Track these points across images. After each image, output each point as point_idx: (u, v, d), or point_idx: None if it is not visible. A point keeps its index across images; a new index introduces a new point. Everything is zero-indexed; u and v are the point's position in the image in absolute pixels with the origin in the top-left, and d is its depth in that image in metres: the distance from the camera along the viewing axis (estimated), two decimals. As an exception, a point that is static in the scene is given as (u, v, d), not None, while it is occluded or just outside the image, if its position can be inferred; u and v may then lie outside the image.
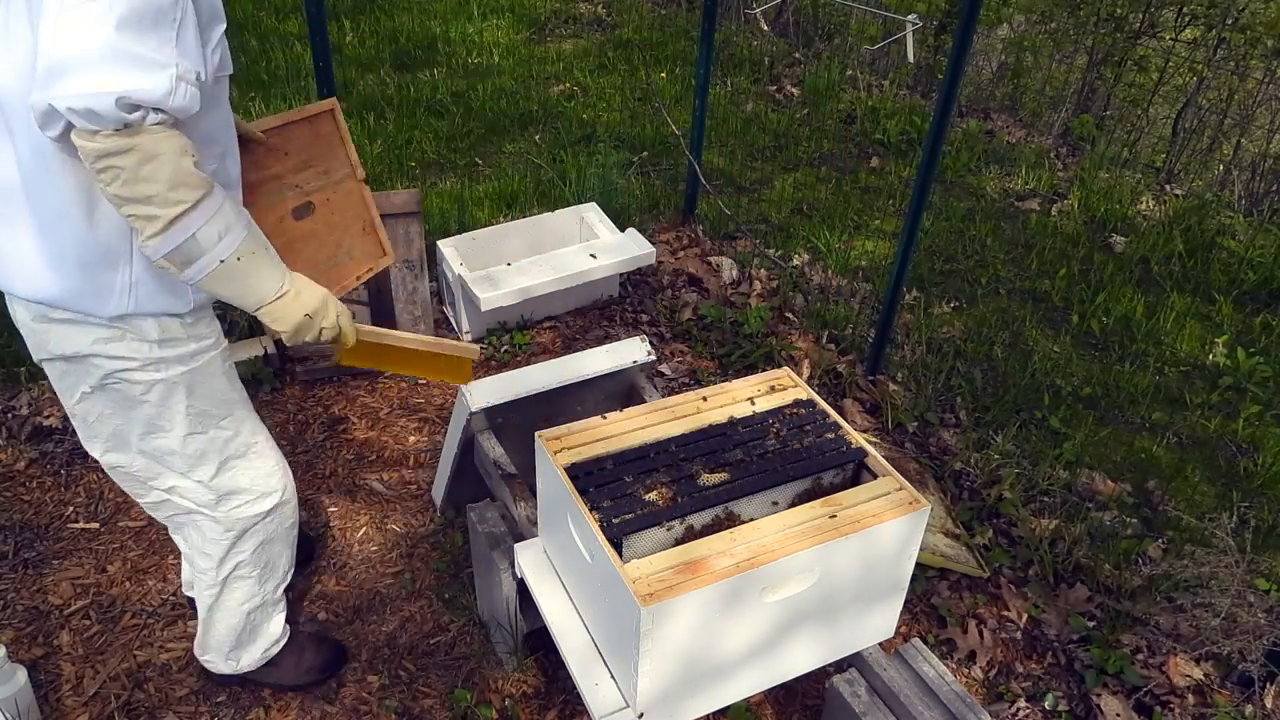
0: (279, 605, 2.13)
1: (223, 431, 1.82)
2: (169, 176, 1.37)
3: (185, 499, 1.86)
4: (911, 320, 3.69)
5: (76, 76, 1.29)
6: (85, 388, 1.71)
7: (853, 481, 1.91)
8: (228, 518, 1.89)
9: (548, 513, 1.91)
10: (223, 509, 1.88)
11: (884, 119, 5.40)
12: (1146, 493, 2.99)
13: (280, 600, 2.13)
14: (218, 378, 1.78)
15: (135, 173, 1.35)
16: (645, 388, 2.47)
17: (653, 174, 4.64)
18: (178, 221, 1.41)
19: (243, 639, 2.10)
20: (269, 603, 2.09)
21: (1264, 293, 4.17)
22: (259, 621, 2.10)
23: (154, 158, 1.35)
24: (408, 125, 4.87)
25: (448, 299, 3.52)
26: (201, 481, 1.83)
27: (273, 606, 2.11)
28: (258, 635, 2.12)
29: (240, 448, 1.86)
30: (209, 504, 1.87)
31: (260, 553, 1.99)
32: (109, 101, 1.29)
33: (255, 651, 2.14)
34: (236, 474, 1.86)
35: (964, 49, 2.60)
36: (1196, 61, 6.21)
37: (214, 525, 1.90)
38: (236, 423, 1.84)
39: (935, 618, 2.53)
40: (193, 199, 1.41)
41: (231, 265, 1.51)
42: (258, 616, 2.09)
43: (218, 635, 2.08)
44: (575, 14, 6.70)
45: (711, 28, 3.73)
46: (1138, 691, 2.33)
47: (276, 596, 2.10)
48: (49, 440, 2.86)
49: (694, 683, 1.70)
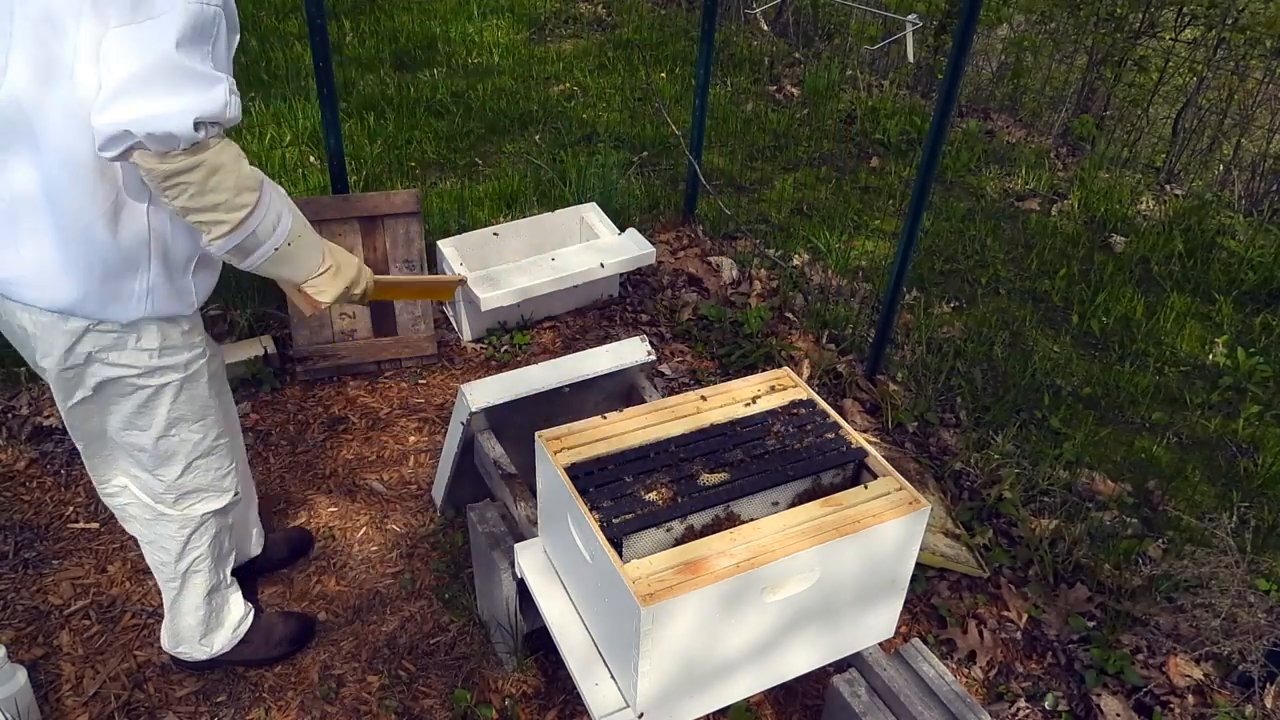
0: (233, 586, 2.21)
1: (194, 434, 1.88)
2: (233, 184, 1.46)
3: (143, 494, 1.93)
4: (911, 320, 3.69)
5: (149, 99, 1.34)
6: (82, 393, 1.75)
7: (853, 481, 1.91)
8: (183, 515, 1.97)
9: (548, 513, 1.91)
10: (180, 506, 1.96)
11: (884, 119, 5.40)
12: (1146, 493, 2.99)
13: (233, 581, 2.20)
14: (201, 384, 1.85)
15: (203, 185, 1.43)
16: (645, 388, 2.47)
17: (653, 174, 4.64)
18: (243, 223, 1.51)
19: (210, 624, 2.17)
20: (224, 585, 2.17)
21: (1264, 293, 4.17)
22: (219, 605, 2.18)
23: (219, 169, 1.43)
24: (408, 125, 4.87)
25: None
26: (165, 480, 1.90)
27: (228, 589, 2.19)
28: (223, 618, 2.20)
29: (206, 449, 1.92)
30: (167, 501, 1.94)
31: (214, 545, 2.07)
32: (187, 123, 1.35)
33: (225, 634, 2.21)
34: (198, 474, 1.93)
35: (964, 49, 2.60)
36: (1196, 61, 6.21)
37: (169, 523, 1.98)
38: (207, 426, 1.90)
39: (935, 618, 2.53)
40: (253, 201, 1.50)
41: (284, 250, 1.61)
42: (217, 600, 2.16)
43: (188, 625, 2.15)
44: (575, 14, 6.70)
45: (711, 28, 3.73)
46: (1138, 691, 2.33)
47: (230, 580, 2.19)
48: (49, 440, 2.86)
49: (694, 683, 1.70)
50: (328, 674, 2.29)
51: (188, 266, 1.69)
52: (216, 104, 1.40)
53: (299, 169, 4.28)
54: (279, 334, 3.25)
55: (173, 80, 1.36)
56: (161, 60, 1.35)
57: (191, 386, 1.82)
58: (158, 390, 1.77)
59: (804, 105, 5.60)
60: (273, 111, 4.72)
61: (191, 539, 2.02)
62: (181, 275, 1.69)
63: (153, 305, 1.65)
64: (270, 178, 1.60)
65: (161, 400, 1.78)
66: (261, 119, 4.63)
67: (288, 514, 2.71)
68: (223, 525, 2.09)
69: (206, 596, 2.12)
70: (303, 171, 4.26)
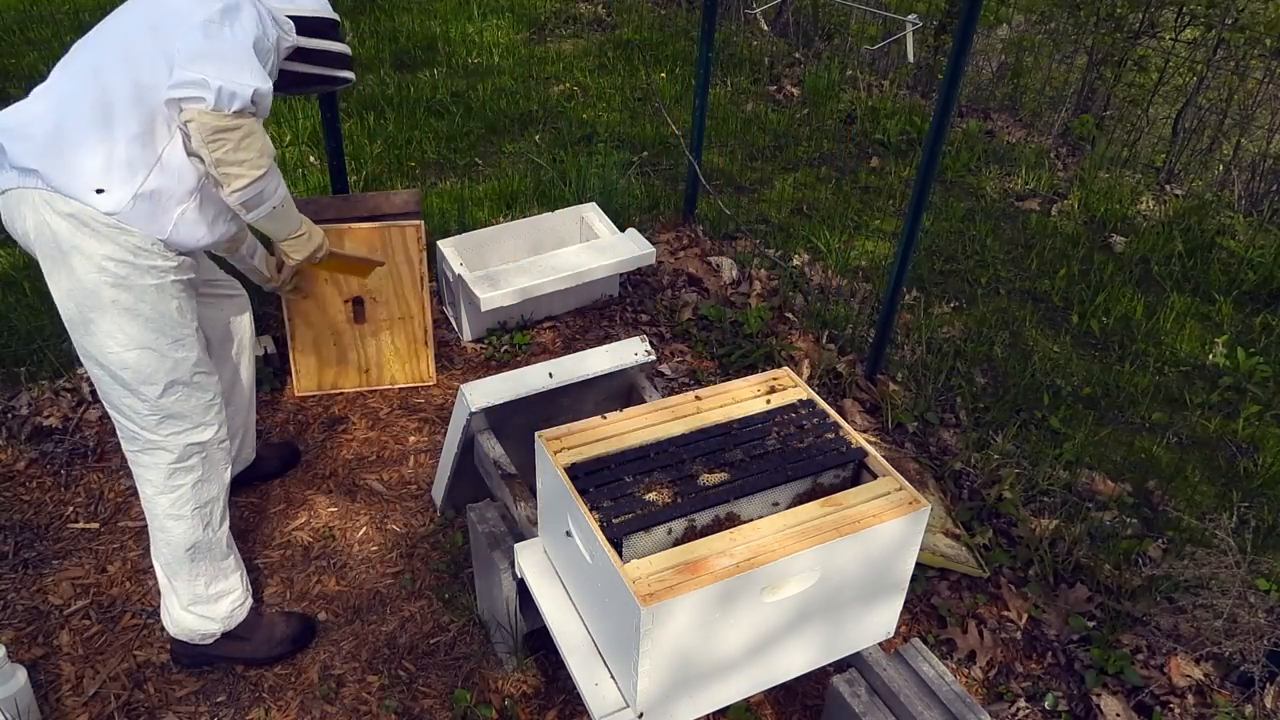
0: (228, 560, 2.24)
1: (174, 353, 2.02)
2: (259, 148, 1.89)
3: (133, 421, 2.05)
4: (911, 320, 3.69)
5: (230, 67, 1.81)
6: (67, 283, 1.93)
7: (853, 481, 1.91)
8: (168, 442, 2.08)
9: (548, 513, 1.91)
10: (163, 431, 2.07)
11: (884, 119, 5.40)
12: (1146, 493, 2.99)
13: (229, 556, 2.24)
14: (172, 300, 2.00)
15: (238, 144, 1.84)
16: (645, 388, 2.47)
17: (653, 174, 4.64)
18: (258, 180, 1.91)
19: (198, 592, 2.19)
20: (215, 551, 2.20)
21: (1264, 293, 4.17)
22: (210, 572, 2.20)
23: (252, 134, 1.87)
24: (408, 125, 4.87)
25: (448, 299, 3.52)
26: (148, 399, 2.02)
27: (221, 558, 2.22)
28: (216, 589, 2.22)
29: (185, 374, 2.06)
30: (152, 425, 2.05)
31: (199, 490, 2.14)
32: (247, 93, 1.81)
33: (222, 608, 2.23)
34: (179, 400, 2.06)
35: (964, 49, 2.60)
36: (1196, 61, 6.21)
37: (157, 452, 2.09)
38: (185, 349, 2.05)
39: (935, 618, 2.53)
40: (269, 165, 1.93)
41: (279, 209, 2.04)
42: (206, 566, 2.19)
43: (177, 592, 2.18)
44: (575, 14, 6.70)
45: (711, 28, 3.73)
46: (1138, 691, 2.33)
47: (221, 546, 2.22)
48: (49, 440, 2.86)
49: (694, 683, 1.70)
50: (328, 674, 2.29)
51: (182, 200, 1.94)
52: (266, 90, 1.86)
53: (299, 169, 4.28)
54: (279, 334, 3.25)
55: (246, 63, 1.84)
56: (240, 49, 1.85)
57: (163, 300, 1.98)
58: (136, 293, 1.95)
59: (804, 105, 5.60)
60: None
61: (175, 474, 2.10)
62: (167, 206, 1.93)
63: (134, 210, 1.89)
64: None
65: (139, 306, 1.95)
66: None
67: (288, 514, 2.71)
68: (209, 475, 2.15)
69: (187, 550, 2.14)
70: (303, 171, 4.26)
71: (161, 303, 1.98)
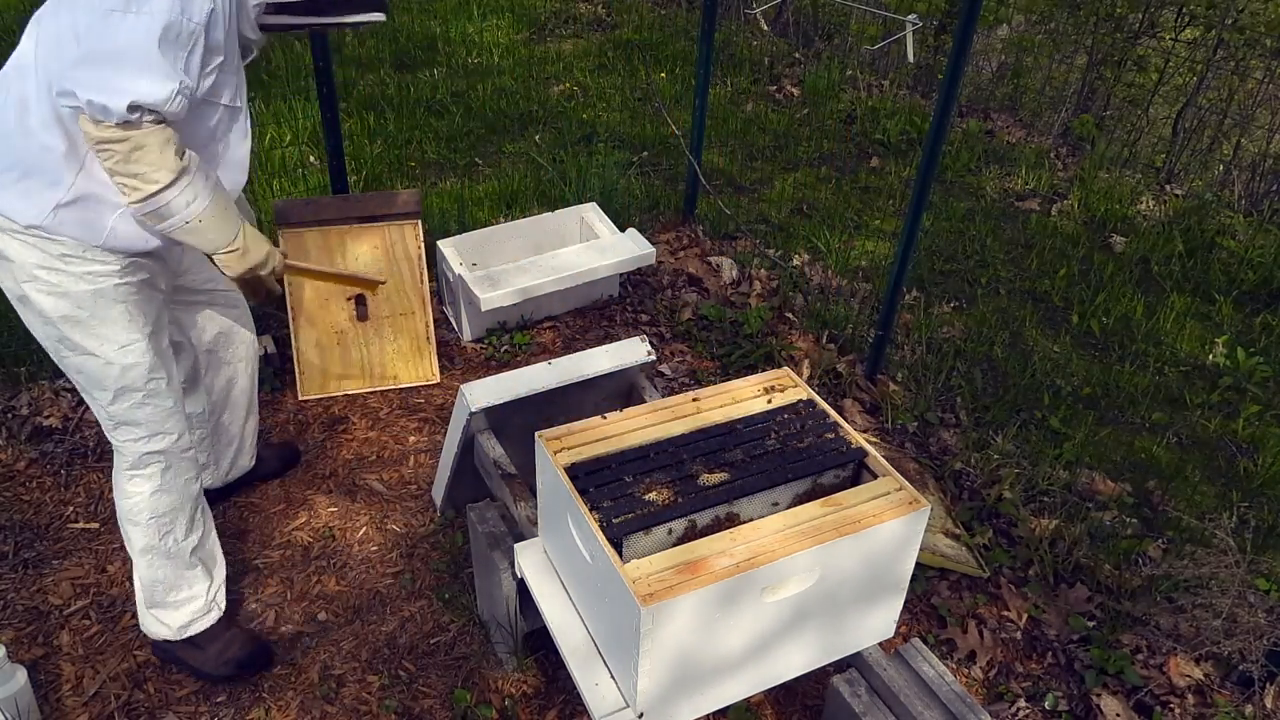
0: (194, 571, 2.18)
1: (120, 360, 1.95)
2: (153, 162, 1.70)
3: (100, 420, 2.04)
4: (911, 320, 3.69)
5: (104, 71, 1.61)
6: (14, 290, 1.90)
7: (853, 481, 1.91)
8: (124, 447, 2.05)
9: (548, 513, 1.91)
10: (119, 437, 2.04)
11: (884, 119, 5.39)
12: (1146, 493, 2.99)
13: (196, 567, 2.18)
14: (115, 305, 1.92)
15: (126, 157, 1.68)
16: (645, 388, 2.47)
17: (653, 174, 4.64)
18: (155, 195, 1.73)
19: (156, 597, 2.16)
20: (176, 560, 2.14)
21: (1264, 293, 4.17)
22: (168, 579, 2.15)
23: (143, 147, 1.68)
24: (408, 125, 4.87)
25: (448, 299, 3.52)
26: (101, 405, 2.00)
27: (185, 568, 2.16)
28: (170, 598, 2.17)
29: (135, 381, 1.98)
30: (109, 428, 2.03)
31: (155, 500, 2.08)
32: (122, 104, 1.60)
33: (180, 617, 2.19)
34: (132, 408, 2.00)
35: (964, 49, 2.60)
36: (1196, 61, 6.20)
37: (119, 455, 2.07)
38: (135, 355, 1.97)
39: (935, 618, 2.53)
40: (167, 180, 1.72)
41: (193, 225, 1.83)
42: (162, 571, 2.14)
43: (140, 590, 2.17)
44: (575, 14, 6.70)
45: (711, 28, 3.73)
46: (1138, 691, 2.33)
47: (184, 557, 2.16)
48: (49, 440, 2.86)
49: (694, 683, 1.70)
50: (328, 674, 2.29)
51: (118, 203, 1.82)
52: (157, 96, 1.64)
53: (299, 169, 4.28)
54: (279, 334, 3.25)
55: (133, 65, 1.62)
56: (133, 46, 1.62)
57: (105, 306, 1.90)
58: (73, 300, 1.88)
59: (804, 105, 5.60)
60: (273, 111, 4.72)
61: (132, 480, 2.06)
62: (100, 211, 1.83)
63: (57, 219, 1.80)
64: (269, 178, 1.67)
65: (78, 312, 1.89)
66: (262, 119, 4.63)
67: (288, 514, 2.71)
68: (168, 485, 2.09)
69: (145, 558, 2.12)
70: (303, 171, 4.26)
71: (101, 309, 1.90)
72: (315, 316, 3.05)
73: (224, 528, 2.63)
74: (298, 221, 3.00)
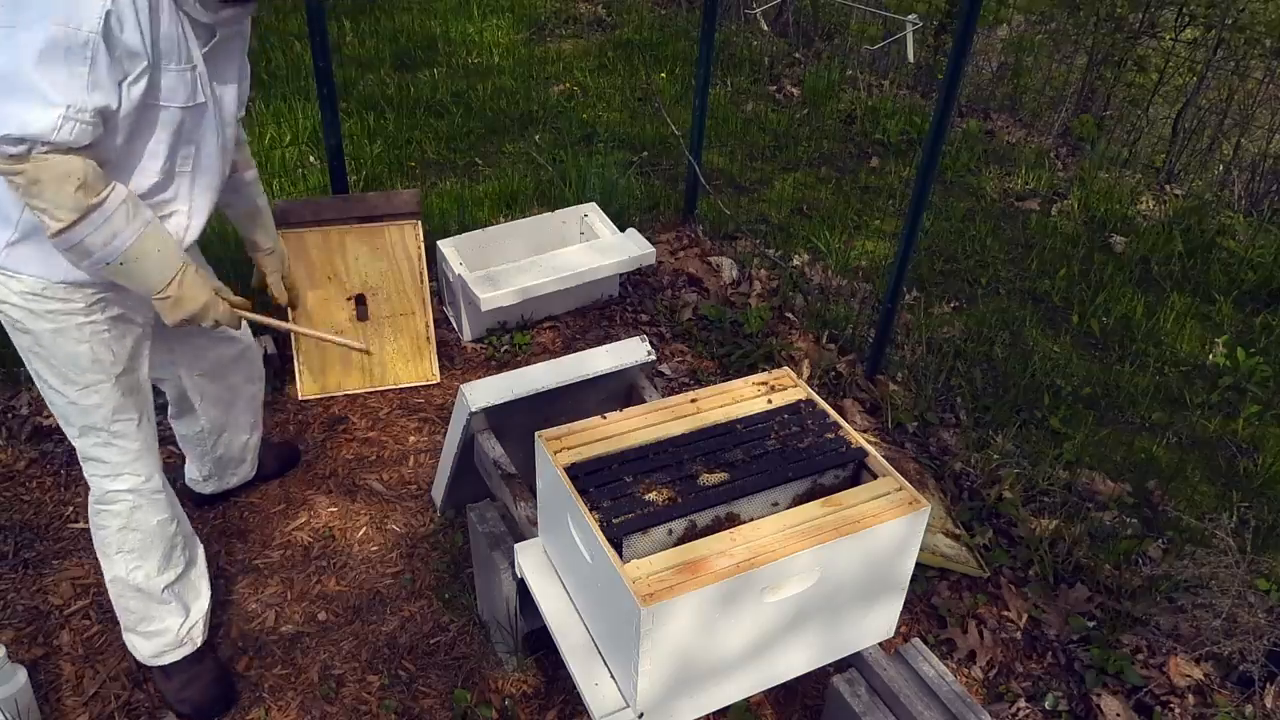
0: (167, 605, 2.11)
1: (82, 400, 1.89)
2: (50, 198, 1.55)
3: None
4: (911, 320, 3.69)
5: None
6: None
7: (853, 481, 1.91)
8: (91, 481, 2.00)
9: (548, 513, 1.91)
10: (87, 470, 2.00)
11: (884, 119, 5.39)
12: (1146, 493, 2.99)
13: (169, 602, 2.11)
14: (78, 345, 1.84)
15: (26, 191, 1.54)
16: (645, 388, 2.47)
17: (653, 174, 4.64)
18: (65, 231, 1.59)
19: (128, 621, 2.12)
20: (146, 594, 2.07)
21: (1264, 293, 4.17)
22: (140, 611, 2.09)
23: (37, 182, 1.52)
24: (408, 125, 4.87)
25: (448, 299, 3.53)
26: (70, 436, 1.96)
27: (156, 603, 2.09)
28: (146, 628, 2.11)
29: (99, 421, 1.92)
30: (80, 458, 1.99)
31: (122, 536, 2.02)
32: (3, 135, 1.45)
33: (151, 646, 2.13)
34: (97, 446, 1.95)
35: (964, 49, 2.60)
36: (1196, 61, 6.20)
37: (90, 486, 2.02)
38: (100, 396, 1.89)
39: (935, 618, 2.53)
40: (71, 218, 1.58)
41: (115, 268, 1.69)
42: (133, 601, 2.08)
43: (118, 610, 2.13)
44: (575, 14, 6.69)
45: (711, 28, 3.73)
46: (1138, 691, 2.33)
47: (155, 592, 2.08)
48: (49, 440, 2.86)
49: (694, 683, 1.70)
50: (328, 674, 2.29)
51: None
52: (38, 126, 1.47)
53: (299, 169, 4.28)
54: (279, 334, 3.25)
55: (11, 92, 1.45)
56: (11, 70, 1.44)
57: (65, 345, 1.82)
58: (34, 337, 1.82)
59: (804, 105, 5.60)
60: (273, 111, 4.72)
61: (101, 515, 2.01)
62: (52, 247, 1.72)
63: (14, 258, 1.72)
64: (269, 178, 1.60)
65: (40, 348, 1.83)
66: (262, 119, 4.63)
67: (288, 514, 2.71)
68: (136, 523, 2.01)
69: (113, 586, 2.07)
70: (303, 171, 4.26)
71: (63, 346, 1.81)
72: (315, 316, 3.05)
73: (224, 528, 2.64)
74: (298, 222, 3.00)
